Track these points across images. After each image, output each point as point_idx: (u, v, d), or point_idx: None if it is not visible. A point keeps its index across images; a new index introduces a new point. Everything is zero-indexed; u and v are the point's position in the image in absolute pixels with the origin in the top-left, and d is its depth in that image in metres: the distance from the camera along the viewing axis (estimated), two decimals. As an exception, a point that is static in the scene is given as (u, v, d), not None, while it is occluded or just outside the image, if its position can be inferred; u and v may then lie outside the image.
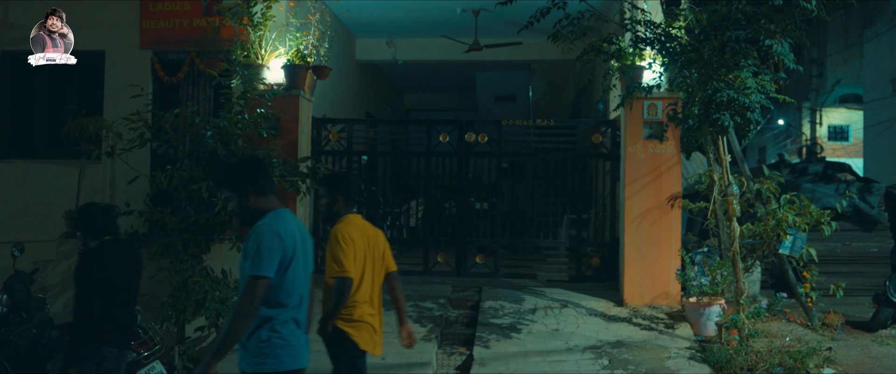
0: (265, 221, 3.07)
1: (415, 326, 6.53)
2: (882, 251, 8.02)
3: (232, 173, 3.16)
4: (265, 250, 2.96)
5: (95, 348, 3.96)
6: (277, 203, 3.20)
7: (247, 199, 3.12)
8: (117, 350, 4.06)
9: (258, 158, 3.20)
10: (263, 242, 2.97)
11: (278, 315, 3.06)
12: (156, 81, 7.86)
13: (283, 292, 3.06)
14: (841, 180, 8.56)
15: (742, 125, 5.81)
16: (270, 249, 2.97)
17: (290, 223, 3.14)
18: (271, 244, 2.98)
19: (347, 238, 3.97)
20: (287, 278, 3.06)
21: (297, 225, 3.20)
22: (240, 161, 3.31)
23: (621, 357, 5.81)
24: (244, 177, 3.13)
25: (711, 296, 6.45)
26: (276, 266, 3.00)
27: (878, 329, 6.67)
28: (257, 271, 2.94)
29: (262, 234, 2.99)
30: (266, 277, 2.96)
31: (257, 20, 6.85)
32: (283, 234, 3.04)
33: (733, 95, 5.50)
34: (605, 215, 8.05)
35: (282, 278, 3.04)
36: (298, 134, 7.26)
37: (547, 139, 8.32)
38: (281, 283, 3.05)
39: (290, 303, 3.11)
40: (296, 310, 3.14)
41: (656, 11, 6.98)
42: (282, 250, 3.01)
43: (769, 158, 21.26)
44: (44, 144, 8.33)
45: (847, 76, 18.70)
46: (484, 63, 12.33)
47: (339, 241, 3.95)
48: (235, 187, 3.13)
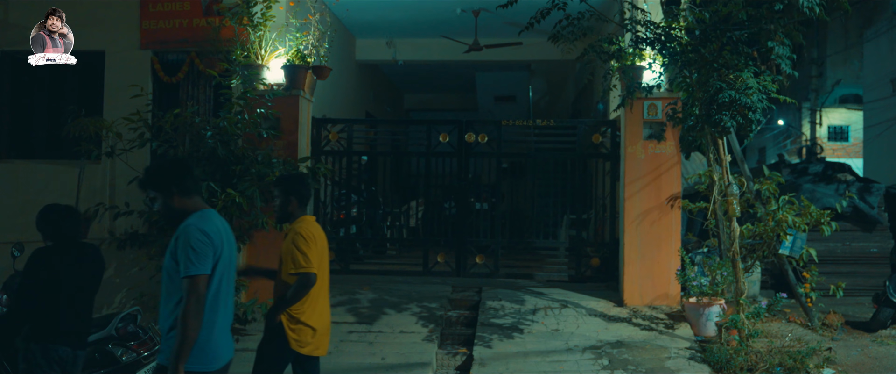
0: (191, 221, 3.11)
1: (415, 325, 6.54)
2: (882, 252, 8.02)
3: (156, 175, 3.22)
4: (198, 248, 3.01)
5: (46, 347, 3.99)
6: (202, 204, 3.25)
7: (171, 199, 3.18)
8: (71, 350, 4.09)
9: (183, 160, 3.27)
10: (193, 240, 3.02)
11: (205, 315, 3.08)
12: (156, 81, 7.85)
13: (209, 291, 3.09)
14: (841, 181, 8.56)
15: (743, 126, 5.80)
16: (202, 246, 3.03)
17: (216, 222, 3.18)
18: (202, 242, 3.03)
19: (310, 237, 4.07)
20: (214, 277, 3.10)
21: (222, 224, 3.24)
22: (164, 162, 3.34)
23: (621, 357, 5.81)
24: (168, 178, 3.19)
25: (711, 296, 6.45)
26: (211, 263, 3.05)
27: (878, 329, 6.67)
28: (194, 270, 2.99)
29: (190, 233, 3.04)
30: (204, 274, 3.01)
31: (257, 20, 6.85)
32: (210, 232, 3.08)
33: (735, 96, 5.50)
34: (605, 215, 8.05)
35: (212, 275, 3.09)
36: (298, 134, 7.26)
37: (547, 139, 8.33)
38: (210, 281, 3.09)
39: (214, 302, 3.12)
40: (219, 309, 3.15)
41: (656, 11, 6.98)
42: (212, 247, 3.07)
43: (769, 158, 21.27)
44: (43, 145, 8.32)
45: (847, 76, 18.71)
46: (484, 63, 12.34)
47: (304, 238, 4.04)
48: (160, 188, 3.19)
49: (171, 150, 6.35)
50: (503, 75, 14.03)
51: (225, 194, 5.94)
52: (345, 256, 8.17)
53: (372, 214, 9.35)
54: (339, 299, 7.20)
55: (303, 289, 4.02)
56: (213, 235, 3.09)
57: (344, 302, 7.13)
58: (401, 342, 6.20)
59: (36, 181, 7.78)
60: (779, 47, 5.49)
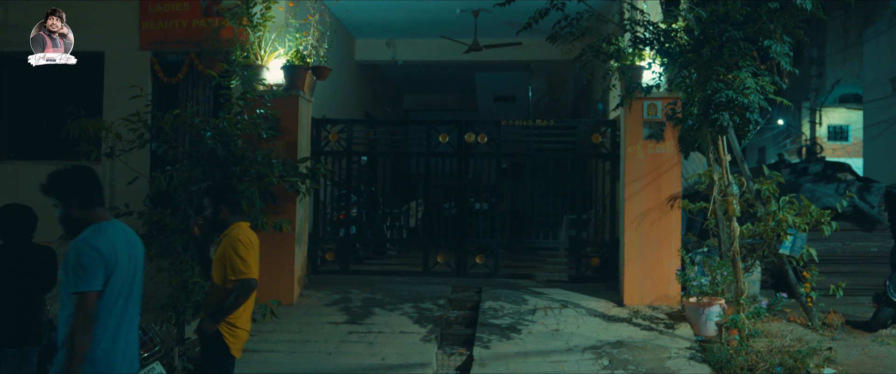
0: (84, 235, 3.00)
1: (415, 326, 6.54)
2: (882, 251, 8.02)
3: (56, 181, 3.10)
4: (86, 264, 2.91)
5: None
6: (103, 216, 3.11)
7: (70, 209, 3.07)
8: (18, 350, 4.12)
9: (89, 169, 3.16)
10: (83, 256, 2.91)
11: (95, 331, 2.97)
12: (155, 81, 7.85)
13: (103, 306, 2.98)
14: (841, 180, 8.56)
15: (741, 125, 5.80)
16: (91, 262, 2.91)
17: (113, 237, 3.05)
18: (91, 258, 2.92)
19: (249, 243, 4.05)
20: (109, 292, 2.99)
21: (124, 238, 3.12)
22: (68, 169, 3.18)
23: (621, 358, 5.81)
24: (69, 187, 3.07)
25: (711, 296, 6.45)
26: (102, 279, 2.94)
27: (879, 329, 6.66)
28: (82, 286, 2.89)
29: (80, 249, 2.93)
30: (93, 291, 2.91)
31: (257, 21, 6.85)
32: (101, 248, 2.96)
33: (733, 96, 5.50)
34: (605, 215, 8.05)
35: (103, 291, 2.97)
36: (298, 135, 7.25)
37: (546, 139, 8.32)
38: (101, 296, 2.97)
39: (107, 318, 3.01)
40: (112, 323, 3.04)
41: (655, 11, 6.98)
42: (103, 263, 2.95)
43: (769, 158, 21.27)
44: (43, 145, 8.32)
45: (847, 76, 18.72)
46: (483, 63, 12.33)
47: (243, 244, 4.02)
48: (60, 195, 3.08)
49: (170, 150, 6.34)
50: (503, 75, 14.03)
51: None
52: (344, 256, 8.17)
53: (372, 214, 9.34)
54: (339, 300, 7.20)
55: (243, 295, 3.99)
56: (106, 250, 2.96)
57: (344, 303, 7.13)
58: (401, 343, 6.19)
59: (35, 182, 7.71)
60: (777, 45, 5.49)
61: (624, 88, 6.74)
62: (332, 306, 7.07)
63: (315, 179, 7.16)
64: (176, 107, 7.09)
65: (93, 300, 2.92)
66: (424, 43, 11.61)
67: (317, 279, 7.82)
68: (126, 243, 3.11)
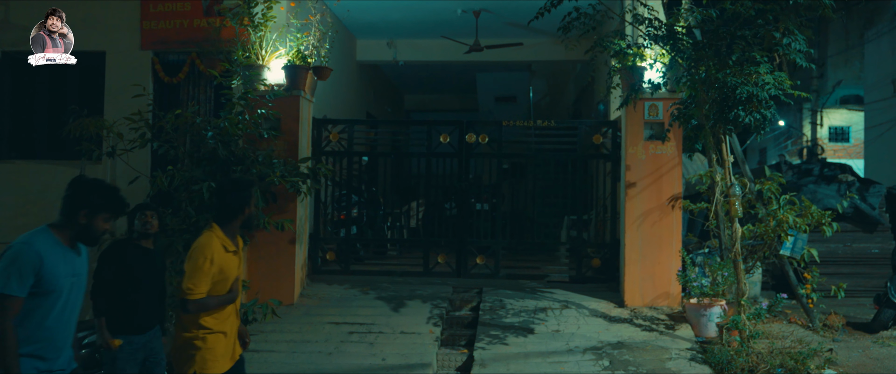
0: (23, 237, 2.94)
1: (415, 326, 6.53)
2: (883, 252, 8.01)
3: None
4: (14, 267, 2.83)
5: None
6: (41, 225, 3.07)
7: None
8: None
9: None
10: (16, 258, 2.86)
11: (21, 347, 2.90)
12: (156, 81, 7.85)
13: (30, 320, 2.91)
14: (842, 181, 8.55)
15: (759, 122, 5.75)
16: (22, 266, 2.84)
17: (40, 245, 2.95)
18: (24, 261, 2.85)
19: None
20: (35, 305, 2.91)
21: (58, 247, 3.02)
22: None
23: (622, 358, 5.80)
24: None
25: (712, 297, 6.45)
26: (28, 284, 2.86)
27: (880, 330, 6.66)
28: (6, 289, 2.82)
29: (15, 249, 2.88)
30: (15, 296, 2.83)
31: (258, 21, 6.85)
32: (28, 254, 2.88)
33: (754, 91, 5.45)
34: (606, 215, 8.04)
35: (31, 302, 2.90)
36: (299, 135, 7.25)
37: (547, 140, 8.32)
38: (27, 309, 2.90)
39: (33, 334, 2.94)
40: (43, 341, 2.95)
41: (658, 11, 6.96)
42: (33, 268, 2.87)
43: (770, 159, 21.26)
44: (44, 145, 8.32)
45: (848, 77, 18.72)
46: (484, 64, 12.34)
47: None
48: None
49: (172, 150, 6.34)
50: (504, 76, 14.03)
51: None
52: (345, 256, 8.17)
53: (372, 214, 9.34)
54: (340, 300, 7.20)
55: None
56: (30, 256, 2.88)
57: (344, 303, 7.12)
58: (401, 343, 6.19)
59: (37, 182, 7.78)
60: (795, 42, 5.45)
61: (626, 89, 6.73)
62: (333, 306, 7.07)
63: (316, 180, 7.17)
64: (177, 107, 7.09)
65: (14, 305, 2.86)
66: (425, 43, 11.61)
67: (317, 279, 7.82)
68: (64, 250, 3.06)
